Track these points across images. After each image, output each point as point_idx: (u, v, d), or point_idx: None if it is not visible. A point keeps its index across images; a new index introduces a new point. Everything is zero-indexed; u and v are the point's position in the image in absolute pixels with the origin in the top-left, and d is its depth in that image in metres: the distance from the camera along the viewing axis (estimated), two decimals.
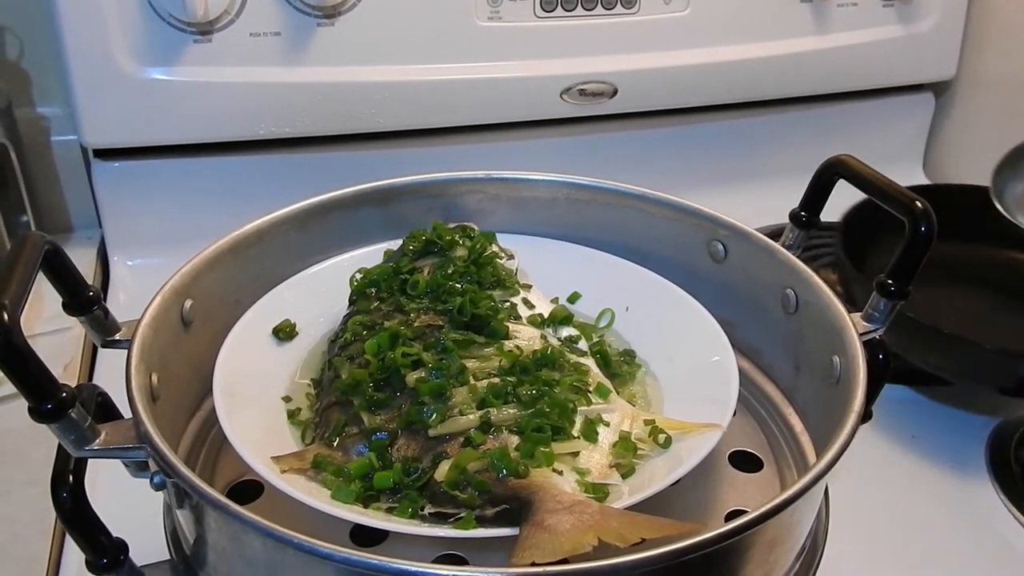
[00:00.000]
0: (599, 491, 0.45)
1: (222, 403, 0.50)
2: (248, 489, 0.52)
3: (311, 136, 0.94)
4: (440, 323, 0.55)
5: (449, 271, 0.59)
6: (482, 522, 0.44)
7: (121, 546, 0.46)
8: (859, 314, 0.52)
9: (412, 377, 0.51)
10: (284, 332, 0.59)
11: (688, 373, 0.56)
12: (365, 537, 0.48)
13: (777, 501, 0.38)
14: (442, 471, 0.46)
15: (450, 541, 0.47)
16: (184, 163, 0.93)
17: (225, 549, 0.42)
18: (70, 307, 0.49)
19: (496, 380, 0.51)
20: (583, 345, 0.58)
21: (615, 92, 0.99)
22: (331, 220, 0.64)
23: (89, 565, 0.45)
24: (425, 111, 0.95)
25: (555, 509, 0.41)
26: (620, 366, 0.58)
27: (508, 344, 0.54)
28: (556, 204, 0.66)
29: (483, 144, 1.00)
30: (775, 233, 0.60)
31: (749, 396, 0.60)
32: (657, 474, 0.48)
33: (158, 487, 0.43)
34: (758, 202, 0.87)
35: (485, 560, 0.46)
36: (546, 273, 0.65)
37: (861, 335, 0.51)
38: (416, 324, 0.55)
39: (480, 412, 0.49)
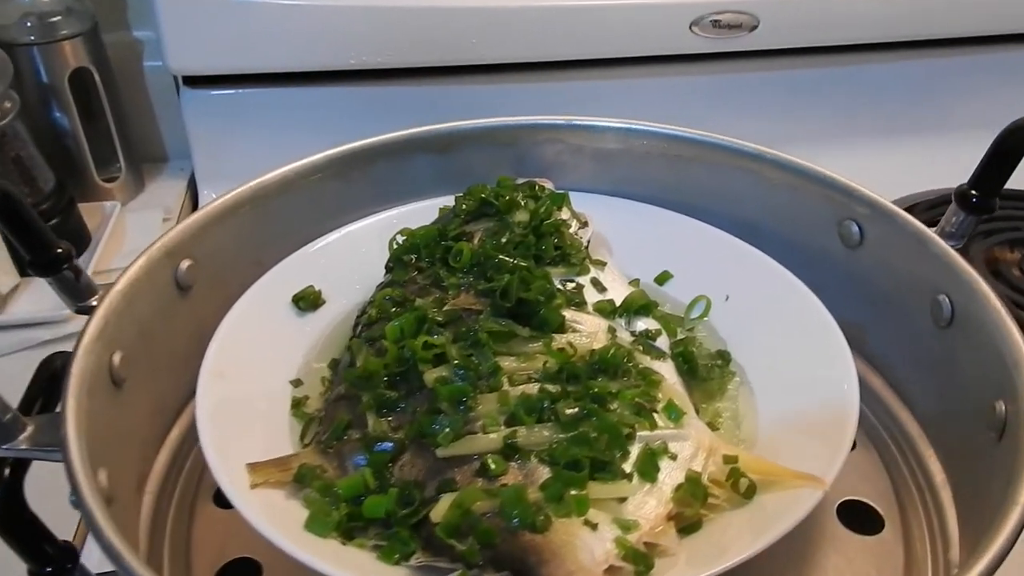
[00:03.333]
0: (641, 561, 0.34)
1: (205, 384, 0.42)
2: None
3: (406, 67, 0.85)
4: (480, 307, 0.45)
5: (503, 240, 0.48)
6: None
7: (69, 552, 0.39)
8: None
9: (431, 376, 0.41)
10: (307, 301, 0.50)
11: (794, 392, 0.44)
12: None
13: None
14: (440, 509, 0.36)
15: None
16: (275, 93, 0.86)
17: None
18: (34, 266, 0.41)
19: (533, 390, 0.40)
20: (663, 343, 0.46)
21: (756, 25, 0.84)
22: (377, 169, 0.54)
23: (30, 574, 0.38)
24: (532, 42, 0.84)
25: None
26: (709, 372, 0.46)
27: (560, 340, 0.43)
28: (649, 160, 0.54)
29: (598, 82, 0.87)
30: (937, 203, 0.45)
31: (877, 425, 0.47)
32: (729, 536, 0.36)
33: (74, 505, 0.35)
34: (928, 165, 0.71)
35: None
36: (631, 245, 0.54)
37: None
38: (450, 306, 0.45)
39: (505, 431, 0.38)
